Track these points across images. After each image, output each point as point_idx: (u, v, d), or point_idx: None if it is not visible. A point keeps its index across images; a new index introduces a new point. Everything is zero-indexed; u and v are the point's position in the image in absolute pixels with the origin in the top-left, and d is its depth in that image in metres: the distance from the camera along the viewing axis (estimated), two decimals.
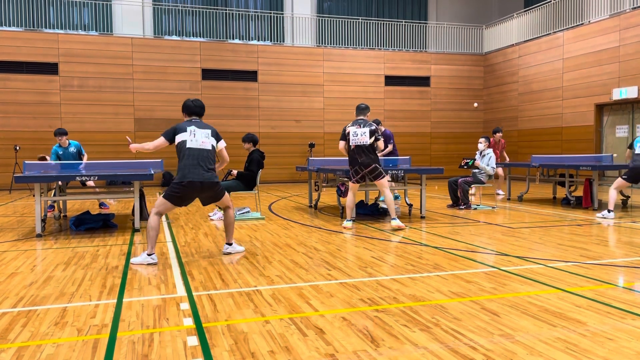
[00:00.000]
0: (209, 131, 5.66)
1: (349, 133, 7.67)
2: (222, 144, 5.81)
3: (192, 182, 5.40)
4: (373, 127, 7.61)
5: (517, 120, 19.49)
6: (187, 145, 5.46)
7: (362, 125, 7.61)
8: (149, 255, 5.39)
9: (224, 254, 5.86)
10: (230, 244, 5.92)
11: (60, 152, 9.82)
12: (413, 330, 3.34)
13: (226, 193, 5.85)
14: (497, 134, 13.04)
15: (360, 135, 7.56)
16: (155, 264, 5.34)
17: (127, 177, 7.70)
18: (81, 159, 9.95)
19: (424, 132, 20.69)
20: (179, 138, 5.50)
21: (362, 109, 7.82)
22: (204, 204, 5.80)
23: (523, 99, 19.15)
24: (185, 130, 5.50)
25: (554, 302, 3.93)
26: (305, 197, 12.57)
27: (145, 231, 5.50)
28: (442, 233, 7.25)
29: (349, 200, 7.86)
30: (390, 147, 11.18)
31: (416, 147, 20.05)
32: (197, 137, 5.51)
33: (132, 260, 5.48)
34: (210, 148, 5.59)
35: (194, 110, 5.72)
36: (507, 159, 13.64)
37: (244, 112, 18.60)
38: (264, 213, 9.54)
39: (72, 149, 9.90)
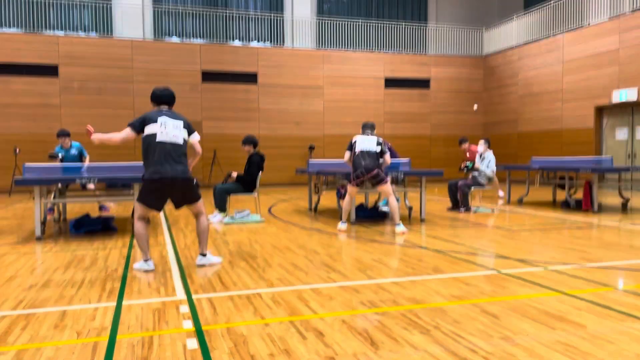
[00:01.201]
0: (181, 122, 5.19)
1: (355, 142, 7.83)
2: (195, 137, 5.35)
3: (164, 179, 5.00)
4: (380, 140, 7.82)
5: (517, 123, 19.49)
6: (157, 139, 5.01)
7: (369, 135, 7.86)
8: (145, 261, 5.19)
9: (198, 266, 5.35)
10: (204, 255, 5.42)
11: (62, 154, 9.85)
12: (413, 333, 3.33)
13: (201, 198, 5.38)
14: (464, 144, 13.11)
15: (367, 142, 7.75)
16: (152, 270, 5.16)
17: (127, 179, 7.69)
18: (82, 161, 9.97)
19: (424, 135, 20.69)
20: (148, 130, 5.04)
21: (368, 126, 8.01)
22: (177, 206, 5.32)
23: (523, 102, 19.16)
24: (156, 121, 5.04)
25: (554, 304, 3.92)
26: (305, 200, 12.57)
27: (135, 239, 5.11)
28: (442, 236, 7.25)
29: (346, 203, 7.91)
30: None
31: (416, 149, 20.04)
32: (168, 130, 5.05)
33: (134, 265, 5.33)
34: (182, 142, 5.14)
35: (163, 100, 5.25)
36: None
37: (244, 114, 18.61)
38: (263, 216, 9.54)
39: (73, 151, 9.95)
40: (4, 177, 15.77)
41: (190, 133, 5.31)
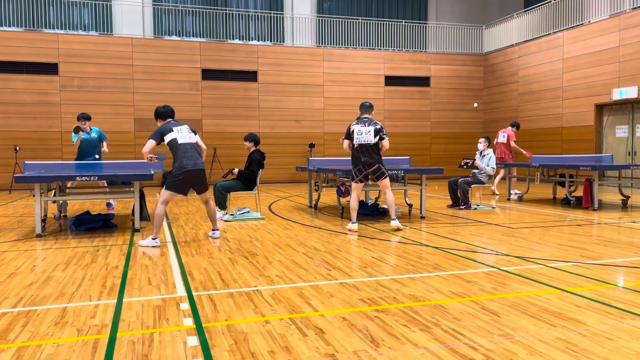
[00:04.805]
0: (188, 127, 6.75)
1: (353, 131, 7.53)
2: (197, 137, 6.82)
3: (191, 171, 6.45)
4: (378, 126, 7.49)
5: (517, 120, 19.45)
6: (180, 142, 6.50)
7: (367, 124, 7.50)
8: (153, 239, 6.36)
9: (214, 238, 6.95)
10: (217, 229, 7.04)
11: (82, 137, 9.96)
12: (413, 330, 3.34)
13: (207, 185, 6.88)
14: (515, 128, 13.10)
15: (365, 134, 7.43)
16: (158, 247, 6.31)
17: (127, 177, 7.70)
18: (101, 145, 10.13)
19: (424, 132, 20.69)
20: (168, 137, 6.52)
21: (366, 107, 7.69)
22: (199, 192, 6.75)
23: (523, 99, 19.15)
24: (172, 130, 6.55)
25: (554, 302, 3.93)
26: (305, 197, 12.57)
27: (152, 218, 6.55)
28: (442, 233, 7.25)
29: (354, 201, 7.61)
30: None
31: (416, 147, 20.05)
32: (183, 134, 6.58)
33: (140, 242, 6.48)
34: (195, 142, 6.67)
35: (168, 115, 6.75)
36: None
37: (244, 112, 18.60)
38: (264, 213, 9.54)
39: (93, 135, 10.04)
40: (5, 174, 15.78)
41: (195, 134, 6.80)
